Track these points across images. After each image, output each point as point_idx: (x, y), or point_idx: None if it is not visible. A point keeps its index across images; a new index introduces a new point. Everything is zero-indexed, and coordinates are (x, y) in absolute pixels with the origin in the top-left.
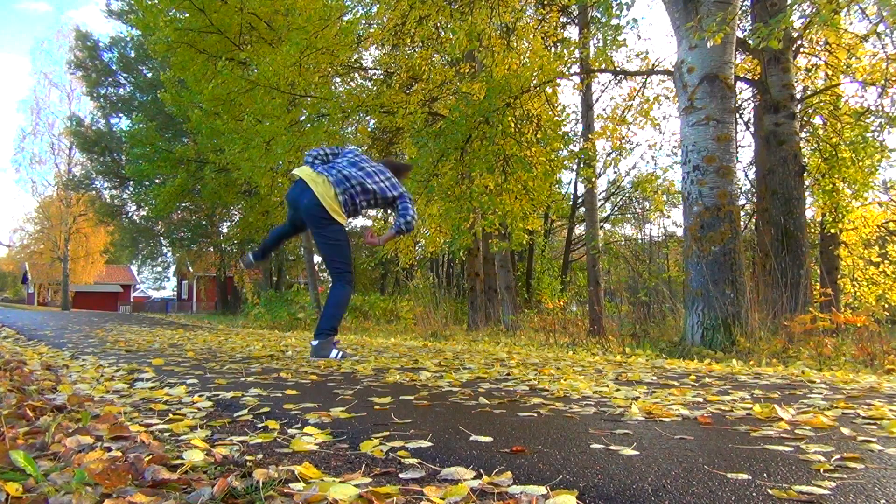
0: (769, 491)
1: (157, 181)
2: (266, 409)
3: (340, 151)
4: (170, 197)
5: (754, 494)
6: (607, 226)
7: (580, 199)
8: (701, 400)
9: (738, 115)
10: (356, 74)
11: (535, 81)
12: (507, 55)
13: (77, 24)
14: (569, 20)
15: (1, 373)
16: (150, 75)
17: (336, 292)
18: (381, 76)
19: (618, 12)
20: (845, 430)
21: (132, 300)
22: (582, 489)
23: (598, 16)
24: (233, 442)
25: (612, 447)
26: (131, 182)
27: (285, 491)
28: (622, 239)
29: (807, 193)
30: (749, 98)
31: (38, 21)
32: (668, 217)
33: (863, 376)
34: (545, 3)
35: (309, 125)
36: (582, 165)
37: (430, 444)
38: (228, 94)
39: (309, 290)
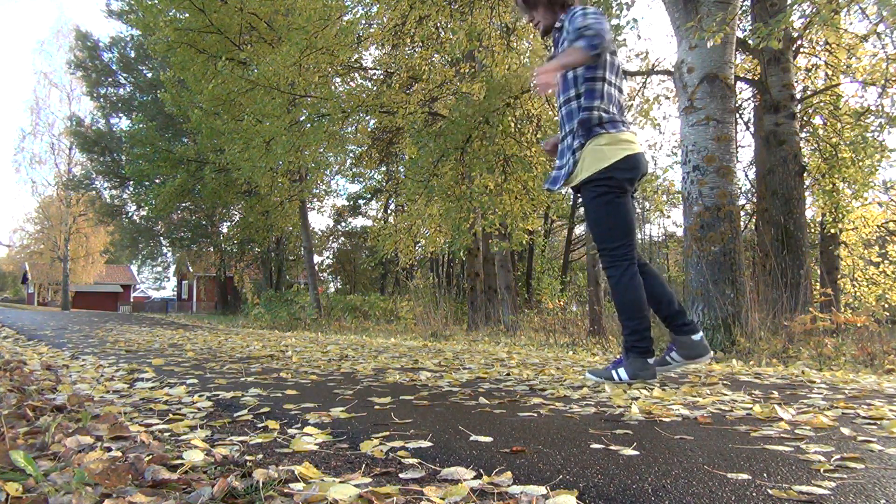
0: (769, 491)
1: (157, 181)
2: (266, 409)
3: None
4: (170, 197)
5: (754, 494)
6: None
7: (580, 199)
8: (701, 400)
9: (738, 115)
10: (356, 74)
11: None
12: (507, 55)
13: (77, 24)
14: None
15: (1, 373)
16: (150, 75)
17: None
18: (381, 76)
19: (618, 12)
20: (845, 430)
21: (132, 300)
22: (582, 489)
23: None
24: (233, 442)
25: (612, 447)
26: (131, 182)
27: (285, 491)
28: None
29: (807, 193)
30: (749, 98)
31: (38, 21)
32: (668, 217)
33: (863, 376)
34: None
35: (309, 125)
36: None
37: (430, 444)
38: (228, 94)
39: (309, 290)
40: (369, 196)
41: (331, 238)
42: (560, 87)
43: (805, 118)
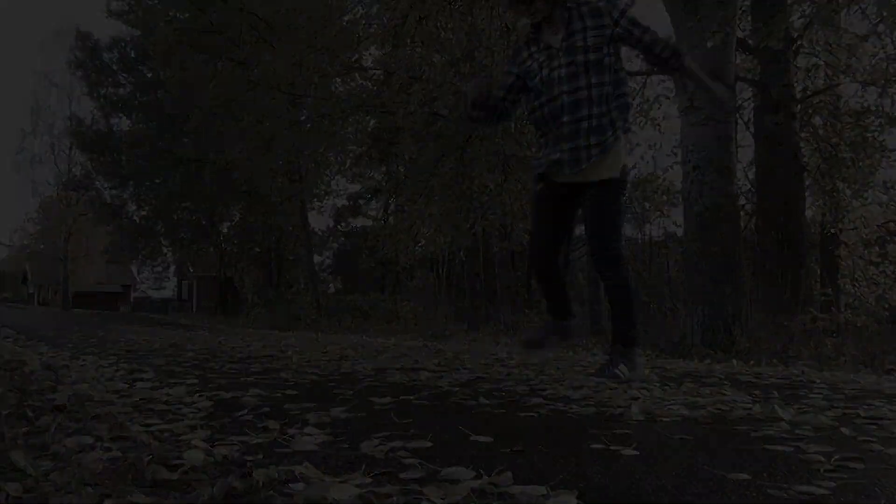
0: (769, 491)
1: (157, 181)
2: (266, 409)
3: None
4: (170, 197)
5: (754, 494)
6: None
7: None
8: (701, 400)
9: (738, 115)
10: (356, 74)
11: None
12: (507, 55)
13: (77, 24)
14: None
15: (1, 373)
16: (150, 75)
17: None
18: (381, 76)
19: None
20: (845, 430)
21: (132, 301)
22: (582, 489)
23: None
24: (233, 442)
25: (612, 447)
26: (131, 182)
27: (285, 491)
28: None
29: (807, 193)
30: (749, 98)
31: (39, 21)
32: (668, 217)
33: (863, 376)
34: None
35: (309, 125)
36: None
37: (430, 444)
38: (228, 94)
39: (309, 290)
40: (369, 196)
41: (331, 238)
42: (591, 69)
43: (805, 118)
